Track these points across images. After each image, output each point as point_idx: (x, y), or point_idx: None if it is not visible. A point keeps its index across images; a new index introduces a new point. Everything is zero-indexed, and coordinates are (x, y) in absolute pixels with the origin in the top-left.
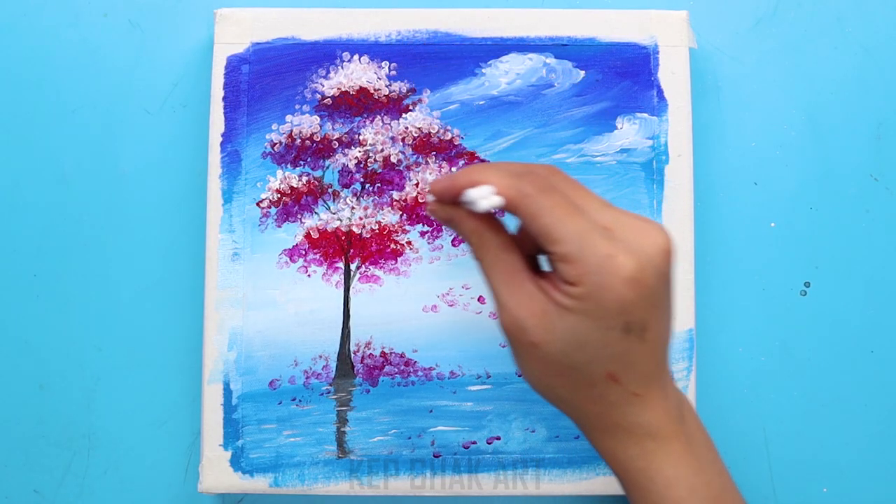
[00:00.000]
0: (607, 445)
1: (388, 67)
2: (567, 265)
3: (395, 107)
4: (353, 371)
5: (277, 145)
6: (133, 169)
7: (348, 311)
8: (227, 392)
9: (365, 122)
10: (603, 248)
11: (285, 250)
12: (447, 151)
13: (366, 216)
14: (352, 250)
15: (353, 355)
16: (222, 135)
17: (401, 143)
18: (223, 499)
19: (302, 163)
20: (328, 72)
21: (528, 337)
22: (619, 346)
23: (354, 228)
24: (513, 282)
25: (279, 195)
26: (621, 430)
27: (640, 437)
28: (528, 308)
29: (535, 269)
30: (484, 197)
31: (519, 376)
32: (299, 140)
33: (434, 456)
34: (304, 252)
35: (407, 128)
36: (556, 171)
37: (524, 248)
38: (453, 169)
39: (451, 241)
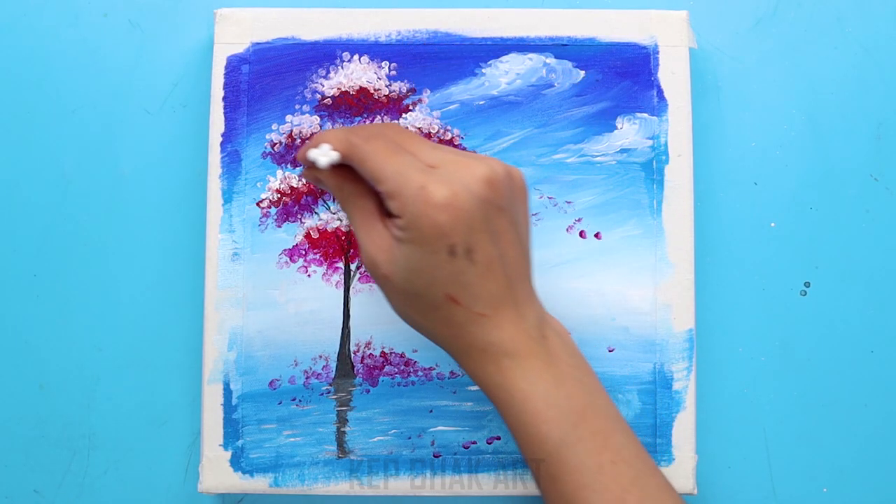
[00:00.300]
0: (469, 366)
1: (388, 67)
2: (391, 201)
3: (395, 107)
4: (353, 371)
5: (277, 145)
6: (133, 169)
7: (348, 311)
8: (227, 392)
9: (365, 122)
10: (417, 181)
11: (285, 250)
12: None
13: None
14: (352, 250)
15: (353, 355)
16: (222, 135)
17: None
18: (223, 499)
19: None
20: (328, 72)
21: (380, 271)
22: (448, 269)
23: None
24: (367, 224)
25: (279, 195)
26: (475, 349)
27: (493, 355)
28: (377, 245)
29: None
30: (323, 154)
31: None
32: (299, 140)
33: (434, 456)
34: (304, 252)
35: (407, 128)
36: (393, 125)
37: (379, 195)
38: None
39: None
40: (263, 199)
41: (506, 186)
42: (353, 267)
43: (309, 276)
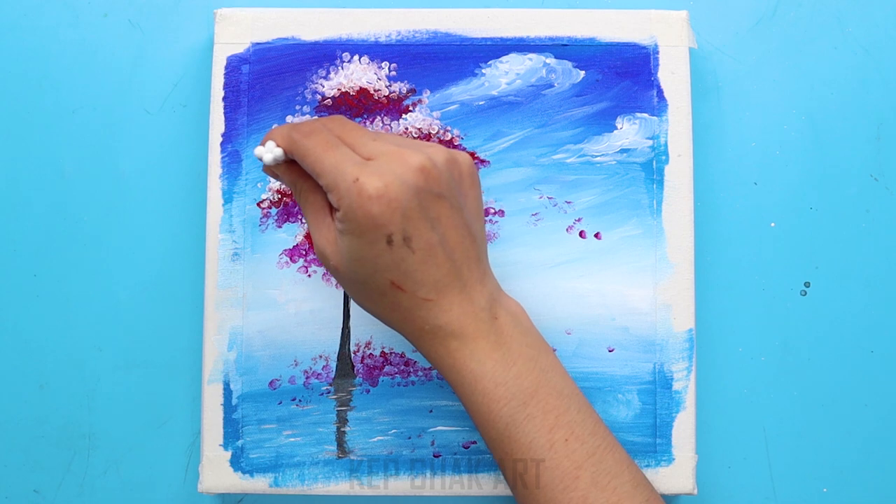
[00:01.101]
0: (423, 349)
1: (388, 68)
2: (330, 194)
3: (395, 107)
4: (353, 371)
5: None
6: (133, 169)
7: (348, 311)
8: (227, 392)
9: (365, 122)
10: (352, 174)
11: (285, 250)
12: None
13: None
14: None
15: (353, 355)
16: (222, 135)
17: None
18: (223, 499)
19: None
20: (328, 72)
21: (329, 262)
22: (388, 257)
23: None
24: (317, 218)
25: (279, 195)
26: (426, 333)
27: (442, 338)
28: (325, 237)
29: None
30: (268, 151)
31: None
32: None
33: (434, 456)
34: (304, 252)
35: (407, 128)
36: (336, 118)
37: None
38: None
39: None
40: (264, 200)
41: (444, 174)
42: None
43: (309, 276)
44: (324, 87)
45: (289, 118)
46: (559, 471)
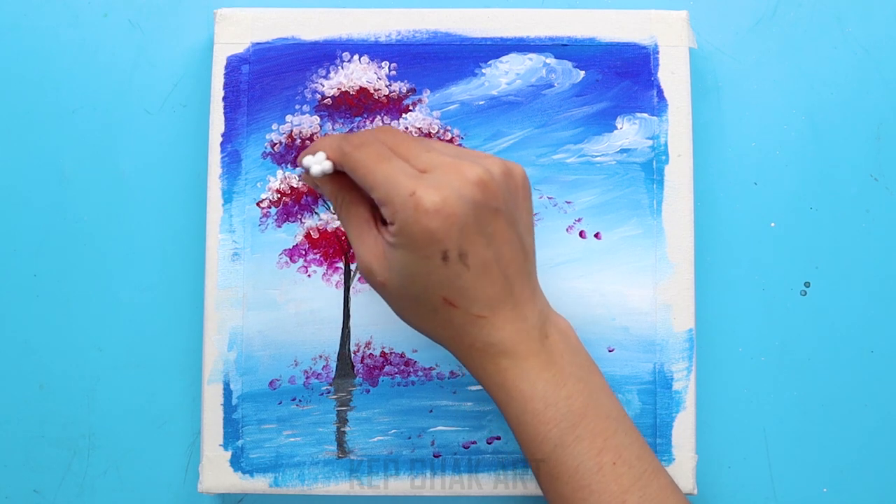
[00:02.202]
0: (470, 366)
1: (388, 67)
2: (383, 208)
3: (395, 107)
4: (353, 371)
5: (277, 145)
6: (133, 169)
7: (348, 311)
8: (227, 392)
9: (365, 122)
10: (408, 187)
11: (285, 250)
12: None
13: None
14: (351, 250)
15: (353, 355)
16: (222, 135)
17: None
18: (223, 499)
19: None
20: (328, 72)
21: (376, 278)
22: (442, 273)
23: None
24: (362, 232)
25: (279, 195)
26: (476, 350)
27: (493, 355)
28: (372, 252)
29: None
30: (317, 162)
31: None
32: (299, 140)
33: (434, 456)
34: (304, 252)
35: (407, 128)
36: (387, 129)
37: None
38: None
39: None
40: (263, 200)
41: (501, 187)
42: (353, 267)
43: (309, 276)
44: (324, 86)
45: (289, 118)
46: (606, 495)
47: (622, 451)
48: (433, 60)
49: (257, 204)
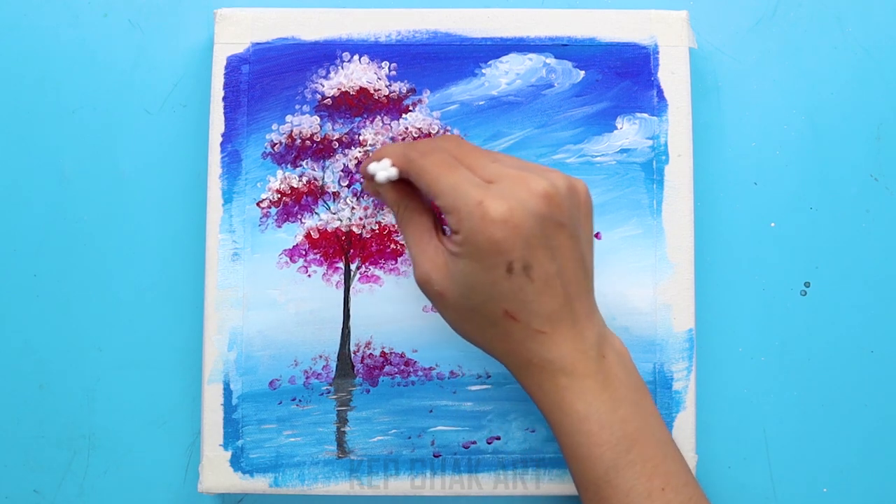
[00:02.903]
0: (526, 382)
1: (388, 67)
2: (448, 216)
3: (395, 107)
4: (353, 371)
5: (277, 145)
6: (133, 169)
7: (348, 311)
8: (227, 392)
9: (365, 122)
10: (475, 197)
11: (285, 250)
12: None
13: (366, 216)
14: (352, 250)
15: (353, 355)
16: (222, 135)
17: None
18: (223, 499)
19: (302, 163)
20: (328, 72)
21: (434, 287)
22: (506, 285)
23: (354, 229)
24: (422, 240)
25: (279, 195)
26: (533, 366)
27: (552, 372)
28: (432, 262)
29: (444, 229)
30: (383, 168)
31: None
32: (299, 140)
33: (434, 456)
34: (304, 252)
35: (407, 128)
36: (453, 138)
37: (435, 213)
38: None
39: None
40: (263, 199)
41: (566, 201)
42: (353, 267)
43: (309, 276)
44: (324, 86)
45: (288, 118)
46: None
47: (671, 478)
48: (433, 60)
49: (257, 204)
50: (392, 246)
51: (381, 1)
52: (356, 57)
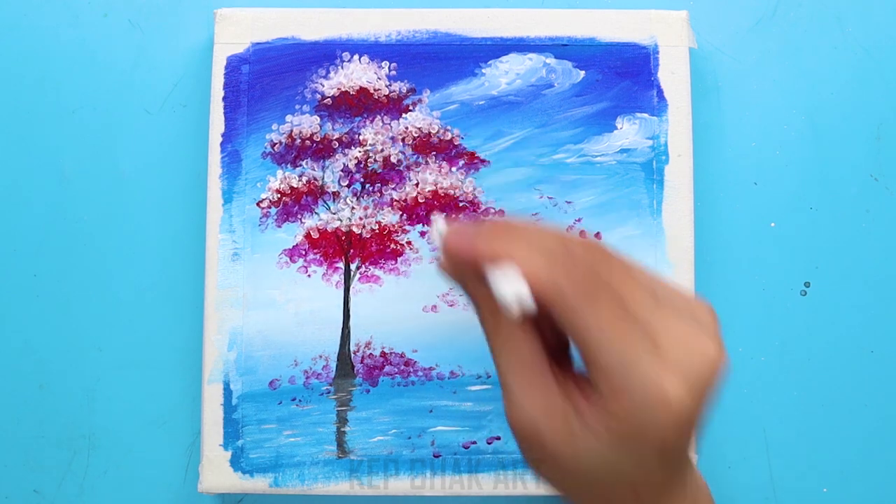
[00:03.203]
0: None
1: (388, 67)
2: (610, 394)
3: (395, 107)
4: (353, 371)
5: (277, 145)
6: (133, 169)
7: (348, 311)
8: (227, 392)
9: (365, 122)
10: (654, 378)
11: (285, 250)
12: (447, 151)
13: (366, 216)
14: (352, 250)
15: (353, 355)
16: (222, 135)
17: (401, 143)
18: (223, 499)
19: (302, 163)
20: (328, 72)
21: (542, 443)
22: (650, 471)
23: (354, 228)
24: (528, 371)
25: (279, 195)
26: None
27: None
28: (545, 409)
29: (554, 351)
30: (510, 283)
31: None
32: (299, 140)
33: (434, 456)
34: (304, 252)
35: (407, 128)
36: (597, 249)
37: (545, 329)
38: (453, 169)
39: None
40: (263, 199)
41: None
42: (352, 267)
43: (309, 276)
44: (324, 86)
45: (288, 118)
46: None
47: None
48: (433, 60)
49: (257, 204)
50: (392, 246)
51: (381, 1)
52: (356, 57)
